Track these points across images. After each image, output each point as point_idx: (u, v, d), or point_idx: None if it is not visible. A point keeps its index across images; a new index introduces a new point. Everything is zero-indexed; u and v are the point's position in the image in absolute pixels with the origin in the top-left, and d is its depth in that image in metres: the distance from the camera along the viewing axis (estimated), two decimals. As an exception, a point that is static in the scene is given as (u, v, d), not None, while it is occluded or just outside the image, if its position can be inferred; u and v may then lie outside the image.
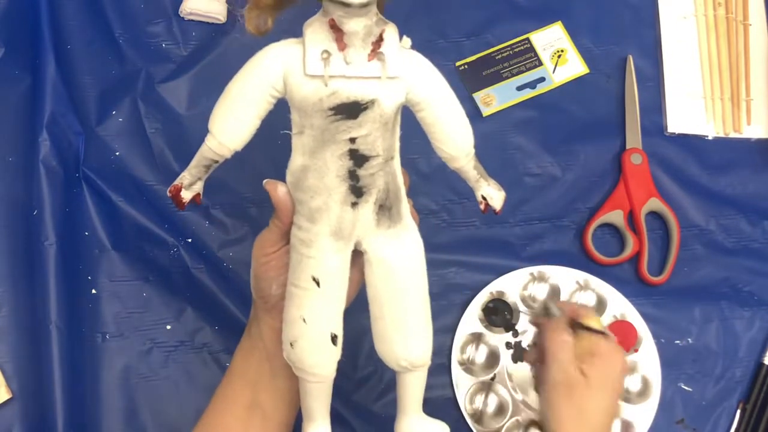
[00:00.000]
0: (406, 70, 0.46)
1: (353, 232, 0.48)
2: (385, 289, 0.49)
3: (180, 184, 0.50)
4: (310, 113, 0.46)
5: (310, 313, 0.49)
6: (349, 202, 0.48)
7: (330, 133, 0.46)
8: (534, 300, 0.76)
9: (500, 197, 0.54)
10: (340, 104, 0.45)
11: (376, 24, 0.45)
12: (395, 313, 0.50)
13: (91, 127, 0.78)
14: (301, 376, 0.50)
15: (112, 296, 0.74)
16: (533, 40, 0.85)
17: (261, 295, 0.54)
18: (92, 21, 0.81)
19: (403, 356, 0.50)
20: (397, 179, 0.49)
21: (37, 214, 0.72)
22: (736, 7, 0.87)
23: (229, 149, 0.48)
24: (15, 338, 0.71)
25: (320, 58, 0.44)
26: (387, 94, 0.46)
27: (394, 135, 0.48)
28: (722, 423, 0.74)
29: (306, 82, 0.45)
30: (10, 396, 0.69)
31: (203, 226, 0.76)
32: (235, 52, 0.82)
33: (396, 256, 0.49)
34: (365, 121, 0.46)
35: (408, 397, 0.52)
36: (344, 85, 0.45)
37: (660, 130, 0.83)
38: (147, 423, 0.71)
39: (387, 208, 0.49)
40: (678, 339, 0.76)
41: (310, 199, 0.48)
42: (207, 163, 0.49)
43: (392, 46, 0.45)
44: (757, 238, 0.80)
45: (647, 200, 0.79)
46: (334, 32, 0.44)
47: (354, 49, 0.45)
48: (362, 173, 0.47)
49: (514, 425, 0.72)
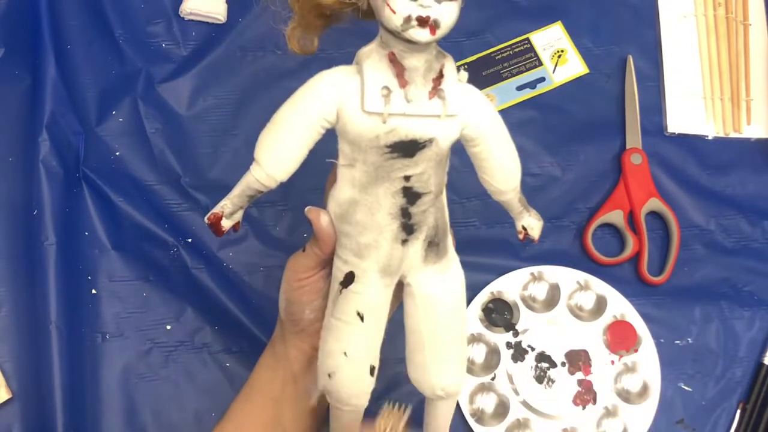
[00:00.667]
0: (464, 106, 0.45)
1: (401, 268, 0.48)
2: (426, 322, 0.49)
3: (221, 213, 0.48)
4: (365, 149, 0.44)
5: (353, 347, 0.48)
6: (399, 240, 0.46)
7: (384, 170, 0.44)
8: (534, 300, 0.76)
9: (539, 227, 0.53)
10: (398, 142, 0.44)
11: (436, 58, 0.44)
12: (436, 346, 0.49)
13: (91, 127, 0.78)
14: (336, 405, 0.50)
15: (112, 296, 0.73)
16: (533, 40, 0.85)
17: (292, 318, 0.53)
18: (92, 21, 0.81)
19: (440, 386, 0.50)
20: (445, 213, 0.49)
21: (37, 214, 0.72)
22: (736, 7, 0.87)
23: (276, 180, 0.46)
24: (15, 338, 0.71)
25: (380, 95, 0.43)
26: (444, 132, 0.45)
27: (445, 170, 0.47)
28: (722, 423, 0.74)
29: (363, 118, 0.43)
30: (10, 396, 0.69)
31: (203, 226, 0.76)
32: (235, 53, 0.82)
33: (440, 292, 0.48)
34: (422, 160, 0.45)
35: (439, 423, 0.52)
36: (403, 123, 0.43)
37: (660, 130, 0.83)
38: (147, 423, 0.71)
39: (435, 244, 0.48)
40: (678, 339, 0.76)
41: (358, 235, 0.46)
42: (251, 194, 0.47)
43: (452, 82, 0.44)
44: (757, 238, 0.80)
45: (647, 200, 0.79)
46: (395, 67, 0.43)
47: (415, 86, 0.43)
48: (414, 210, 0.46)
49: (515, 425, 0.72)
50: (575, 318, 0.75)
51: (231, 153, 0.79)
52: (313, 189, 0.55)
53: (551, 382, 0.73)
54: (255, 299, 0.74)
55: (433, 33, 0.41)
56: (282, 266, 0.75)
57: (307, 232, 0.77)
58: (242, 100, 0.80)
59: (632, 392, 0.73)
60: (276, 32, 0.86)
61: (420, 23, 0.41)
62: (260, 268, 0.75)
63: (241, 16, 0.83)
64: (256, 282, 0.75)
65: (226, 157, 0.79)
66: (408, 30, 0.41)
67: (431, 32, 0.41)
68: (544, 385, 0.73)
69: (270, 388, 0.55)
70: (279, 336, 0.56)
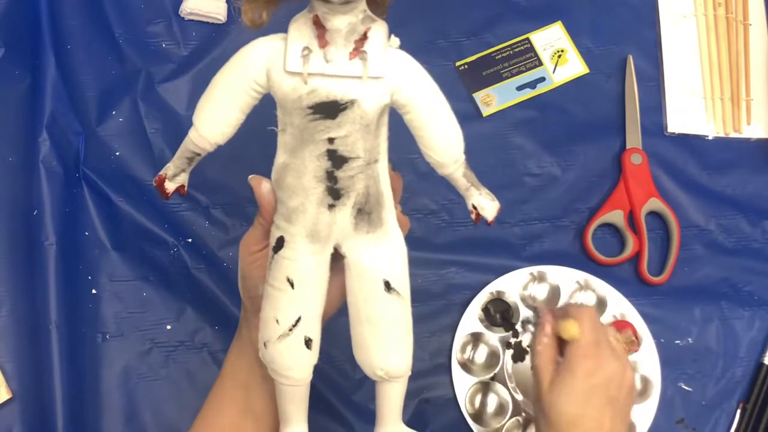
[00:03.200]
0: (391, 70, 0.45)
1: (330, 234, 0.47)
2: (360, 294, 0.48)
3: (164, 175, 0.50)
4: (290, 111, 0.45)
5: (284, 314, 0.48)
6: (325, 204, 0.47)
7: (309, 132, 0.45)
8: (534, 300, 0.76)
9: (493, 207, 0.50)
10: (318, 103, 0.44)
11: (362, 21, 0.44)
12: (372, 321, 0.48)
13: (91, 127, 0.78)
14: (275, 377, 0.50)
15: (112, 296, 0.74)
16: (533, 40, 0.85)
17: (248, 295, 0.54)
18: (92, 21, 0.81)
19: (380, 365, 0.49)
20: (380, 184, 0.48)
21: (37, 214, 0.72)
22: (736, 7, 0.87)
23: (210, 142, 0.48)
24: (15, 338, 0.71)
25: (300, 55, 0.44)
26: (369, 94, 0.44)
27: (378, 137, 0.47)
28: (722, 423, 0.74)
29: (286, 79, 0.44)
30: (10, 396, 0.69)
31: (203, 226, 0.76)
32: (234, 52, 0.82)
33: (373, 261, 0.48)
34: (344, 122, 0.45)
35: (385, 407, 0.51)
36: (324, 83, 0.44)
37: (660, 130, 0.83)
38: (147, 423, 0.71)
39: (366, 212, 0.47)
40: (678, 339, 0.76)
41: (288, 199, 0.47)
42: (189, 155, 0.49)
43: (377, 45, 0.44)
44: (757, 238, 0.80)
45: (647, 200, 0.79)
46: (317, 29, 0.43)
47: (335, 47, 0.43)
48: (340, 175, 0.46)
49: (514, 425, 0.72)
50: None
51: (230, 152, 0.78)
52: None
53: (551, 382, 0.73)
54: (255, 299, 0.74)
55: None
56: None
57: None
58: (242, 100, 0.80)
59: (632, 392, 0.73)
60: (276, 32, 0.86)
61: None
62: (260, 268, 0.75)
63: (241, 16, 0.83)
64: (256, 282, 0.75)
65: (225, 157, 0.78)
66: None
67: None
68: (544, 385, 0.73)
69: (238, 373, 0.56)
70: (243, 318, 0.56)
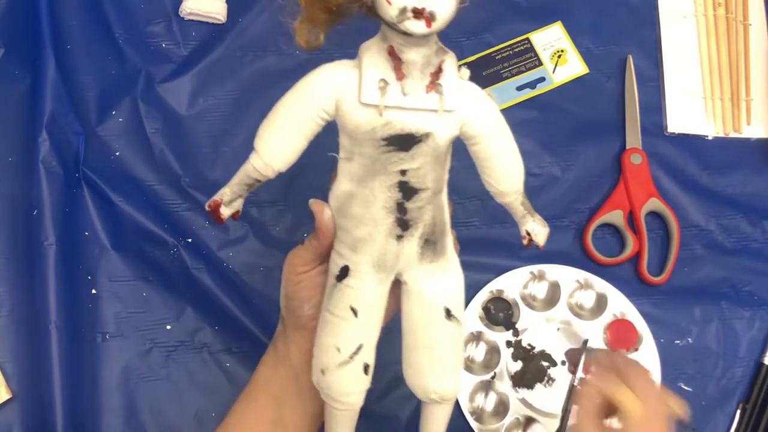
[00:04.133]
0: (463, 103, 0.45)
1: (396, 264, 0.47)
2: (422, 322, 0.49)
3: (219, 200, 0.48)
4: (362, 141, 0.44)
5: (346, 342, 0.48)
6: (394, 235, 0.46)
7: (381, 163, 0.45)
8: (534, 298, 0.76)
9: (545, 233, 0.52)
10: (393, 135, 0.44)
11: (435, 53, 0.44)
12: (430, 348, 0.49)
13: (91, 127, 0.78)
14: (329, 402, 0.50)
15: (112, 296, 0.74)
16: (533, 40, 0.85)
17: (292, 315, 0.53)
18: (92, 21, 0.81)
19: (434, 389, 0.49)
20: (444, 213, 0.48)
21: (37, 214, 0.72)
22: (736, 7, 0.87)
23: (273, 170, 0.47)
24: (15, 338, 0.71)
25: (377, 87, 0.43)
26: (442, 127, 0.44)
27: (445, 168, 0.47)
28: (722, 423, 0.74)
29: (360, 110, 0.44)
30: (10, 396, 0.69)
31: (203, 226, 0.76)
32: (235, 53, 0.82)
33: (436, 292, 0.48)
34: (418, 154, 0.44)
35: (432, 427, 0.51)
36: (399, 116, 0.44)
37: (660, 130, 0.83)
38: (147, 423, 0.71)
39: (432, 242, 0.48)
40: (678, 339, 0.76)
41: (353, 228, 0.47)
42: (249, 182, 0.48)
43: (451, 78, 0.44)
44: (757, 238, 0.80)
45: (647, 200, 0.79)
46: (393, 60, 0.43)
47: (412, 80, 0.43)
48: (410, 206, 0.46)
49: (514, 424, 0.72)
50: (575, 317, 0.75)
51: (231, 153, 0.79)
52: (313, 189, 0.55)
53: (551, 381, 0.73)
54: (255, 299, 0.74)
55: (428, 25, 0.41)
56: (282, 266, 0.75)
57: (307, 232, 0.77)
58: (242, 100, 0.80)
59: (632, 392, 0.73)
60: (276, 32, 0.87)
61: (415, 15, 0.40)
62: (260, 268, 0.75)
63: (241, 16, 0.83)
64: (256, 282, 0.75)
65: (226, 157, 0.79)
66: (403, 21, 0.41)
67: (427, 24, 0.41)
68: (544, 384, 0.73)
69: (271, 386, 0.55)
70: (281, 333, 0.56)
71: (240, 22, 0.83)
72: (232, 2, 0.83)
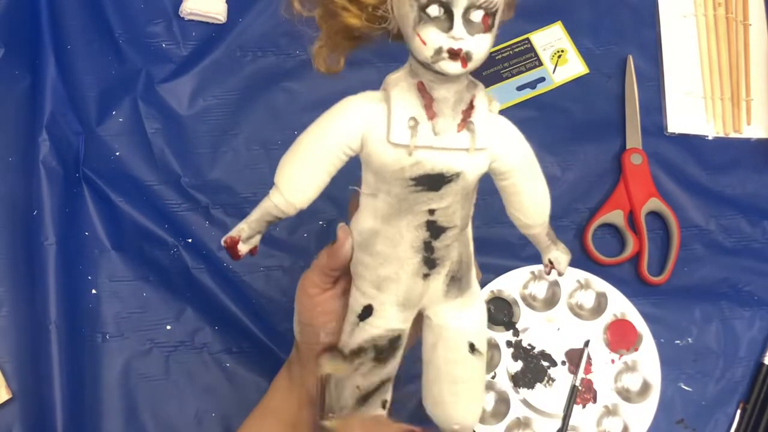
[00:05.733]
0: (494, 140, 0.43)
1: (420, 302, 0.47)
2: (445, 358, 0.48)
3: (237, 237, 0.45)
4: (389, 180, 0.43)
5: (367, 382, 0.47)
6: (421, 274, 0.45)
7: (408, 202, 0.43)
8: (534, 298, 0.76)
9: (566, 260, 0.51)
10: (423, 175, 0.42)
11: (466, 88, 0.42)
12: (454, 381, 0.48)
13: (91, 127, 0.78)
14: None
15: (112, 296, 0.73)
16: (533, 40, 0.85)
17: (308, 342, 0.51)
18: (92, 21, 0.81)
19: (457, 420, 0.49)
20: (470, 247, 0.47)
21: (37, 214, 0.72)
22: (736, 7, 0.87)
23: (295, 208, 0.44)
24: (15, 338, 0.71)
25: (407, 126, 0.41)
26: (472, 165, 0.43)
27: (472, 202, 0.46)
28: (722, 423, 0.74)
29: (388, 148, 0.42)
30: (10, 396, 0.69)
31: (203, 226, 0.76)
32: (235, 52, 0.82)
33: (460, 326, 0.47)
34: (447, 193, 0.43)
35: None
36: (429, 155, 0.42)
37: (660, 130, 0.83)
38: (147, 423, 0.71)
39: (458, 279, 0.47)
40: (678, 339, 0.76)
41: (378, 266, 0.45)
42: (270, 219, 0.45)
43: (482, 114, 0.43)
44: (757, 238, 0.80)
45: (647, 200, 0.79)
46: (424, 97, 0.41)
47: (443, 119, 0.41)
48: (438, 245, 0.45)
49: (515, 424, 0.72)
50: (575, 317, 0.75)
51: (231, 153, 0.79)
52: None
53: (551, 381, 0.73)
54: (255, 299, 0.74)
55: (464, 66, 0.39)
56: (282, 266, 0.76)
57: (307, 232, 0.77)
58: (242, 100, 0.80)
59: (632, 391, 0.73)
60: (276, 32, 0.86)
61: (451, 56, 0.39)
62: (260, 268, 0.75)
63: (241, 16, 0.83)
64: (256, 282, 0.75)
65: (226, 157, 0.79)
66: (438, 62, 0.39)
67: (462, 65, 0.39)
68: (544, 384, 0.73)
69: (285, 412, 0.54)
70: (296, 358, 0.54)
71: (240, 22, 0.83)
72: (232, 2, 0.83)
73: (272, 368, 0.72)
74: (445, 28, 0.39)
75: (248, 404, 0.72)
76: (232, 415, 0.71)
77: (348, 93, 0.66)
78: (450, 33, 0.39)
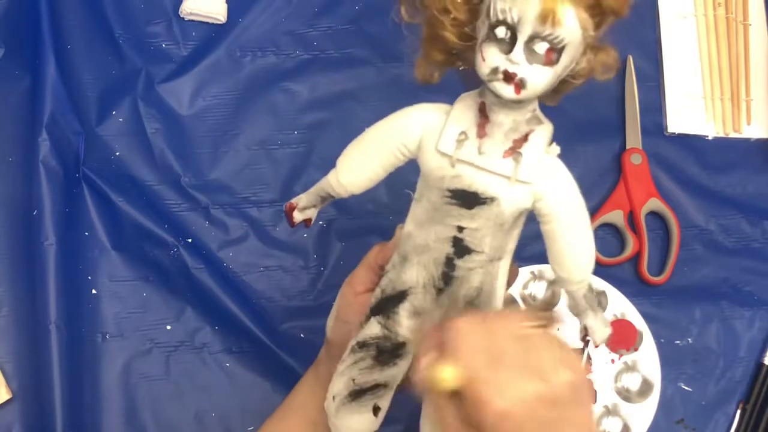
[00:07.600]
0: (541, 177, 0.43)
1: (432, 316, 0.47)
2: None
3: (295, 204, 0.50)
4: (431, 187, 0.44)
5: (362, 378, 0.48)
6: (435, 287, 0.46)
7: (441, 213, 0.44)
8: (534, 299, 0.76)
9: (604, 333, 0.49)
10: (459, 189, 0.43)
11: (527, 121, 0.43)
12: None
13: (91, 127, 0.78)
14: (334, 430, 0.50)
15: (112, 296, 0.74)
16: (533, 40, 0.85)
17: (338, 338, 0.52)
18: (92, 21, 0.81)
19: None
20: (497, 281, 0.47)
21: (37, 214, 0.72)
22: (736, 7, 0.87)
23: (346, 190, 0.47)
24: (15, 338, 0.71)
25: (455, 138, 0.43)
26: (511, 196, 0.43)
27: (509, 237, 0.46)
28: (722, 423, 0.74)
29: (435, 156, 0.44)
30: (10, 396, 0.69)
31: (203, 226, 0.76)
32: (235, 52, 0.82)
33: None
34: (479, 216, 0.44)
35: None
36: (470, 172, 0.43)
37: (660, 130, 0.83)
38: (147, 423, 0.71)
39: (475, 306, 0.47)
40: (678, 339, 0.76)
41: (402, 268, 0.47)
42: (323, 195, 0.49)
43: (535, 149, 0.43)
44: (757, 238, 0.80)
45: (647, 200, 0.78)
46: (480, 116, 0.43)
47: (492, 141, 0.43)
48: (460, 264, 0.45)
49: (514, 425, 0.71)
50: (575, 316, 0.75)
51: (231, 153, 0.79)
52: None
53: (551, 381, 0.73)
54: (255, 299, 0.74)
55: (517, 92, 0.40)
56: (282, 266, 0.76)
57: (307, 232, 0.77)
58: (242, 100, 0.80)
59: (632, 391, 0.73)
60: (276, 32, 0.86)
61: (505, 78, 0.40)
62: (260, 268, 0.75)
63: (241, 16, 0.83)
64: (256, 282, 0.75)
65: (226, 157, 0.79)
66: (493, 82, 0.40)
67: (516, 90, 0.40)
68: (544, 385, 0.73)
69: (309, 409, 0.54)
70: (324, 357, 0.55)
71: (240, 22, 0.83)
72: (232, 2, 0.83)
73: (272, 368, 0.72)
74: (506, 51, 0.39)
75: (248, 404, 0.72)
76: (232, 415, 0.71)
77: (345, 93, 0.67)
78: (509, 56, 0.39)
